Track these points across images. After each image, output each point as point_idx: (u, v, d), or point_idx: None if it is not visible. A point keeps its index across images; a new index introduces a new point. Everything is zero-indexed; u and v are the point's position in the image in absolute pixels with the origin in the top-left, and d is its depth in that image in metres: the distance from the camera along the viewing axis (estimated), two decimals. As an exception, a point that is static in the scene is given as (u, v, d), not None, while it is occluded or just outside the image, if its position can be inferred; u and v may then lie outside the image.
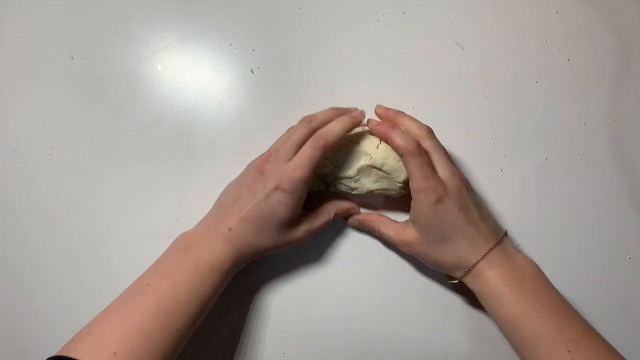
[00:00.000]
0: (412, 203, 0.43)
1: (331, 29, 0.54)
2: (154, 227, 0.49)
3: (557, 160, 0.52)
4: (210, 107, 0.52)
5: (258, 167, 0.43)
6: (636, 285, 0.50)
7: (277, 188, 0.41)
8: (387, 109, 0.46)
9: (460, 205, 0.42)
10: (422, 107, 0.52)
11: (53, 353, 0.35)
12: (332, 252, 0.49)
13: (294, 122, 0.52)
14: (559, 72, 0.54)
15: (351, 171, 0.46)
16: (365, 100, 0.52)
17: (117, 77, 0.53)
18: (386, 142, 0.45)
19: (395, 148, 0.43)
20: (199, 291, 0.40)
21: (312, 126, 0.44)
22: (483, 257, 0.42)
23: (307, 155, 0.42)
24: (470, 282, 0.43)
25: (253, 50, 0.54)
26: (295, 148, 0.43)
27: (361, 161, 0.45)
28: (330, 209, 0.46)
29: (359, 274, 0.49)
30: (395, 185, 0.46)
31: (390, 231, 0.45)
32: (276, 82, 0.53)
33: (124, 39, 0.54)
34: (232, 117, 0.51)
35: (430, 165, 0.42)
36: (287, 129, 0.46)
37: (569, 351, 0.38)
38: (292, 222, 0.43)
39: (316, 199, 0.47)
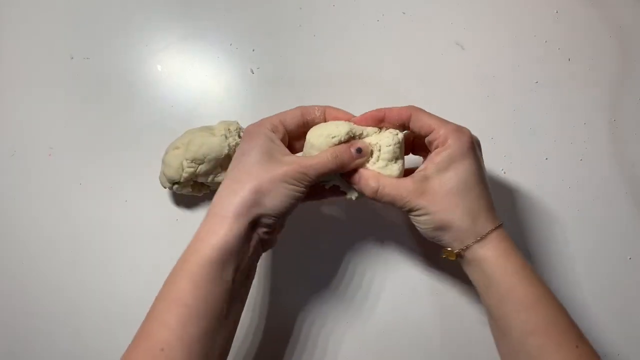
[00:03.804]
0: (439, 150, 0.38)
1: (331, 29, 0.54)
2: (154, 227, 0.49)
3: (557, 160, 0.52)
4: (210, 107, 0.52)
5: None
6: (636, 285, 0.50)
7: (241, 141, 0.40)
8: (364, 114, 0.42)
9: (480, 160, 0.39)
10: (421, 107, 0.52)
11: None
12: (333, 252, 0.49)
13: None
14: (559, 72, 0.54)
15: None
16: (365, 100, 0.52)
17: (117, 77, 0.53)
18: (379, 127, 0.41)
19: (396, 115, 0.40)
20: (202, 301, 0.35)
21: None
22: (496, 227, 0.38)
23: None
24: (480, 252, 0.38)
25: (253, 50, 0.54)
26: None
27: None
28: (327, 153, 0.39)
29: (360, 273, 0.49)
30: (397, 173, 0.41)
31: (391, 185, 0.39)
32: (276, 82, 0.53)
33: (124, 39, 0.54)
34: (232, 117, 0.51)
35: None
36: None
37: (577, 347, 0.36)
38: (265, 152, 0.38)
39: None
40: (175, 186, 0.46)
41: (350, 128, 0.40)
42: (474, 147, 0.39)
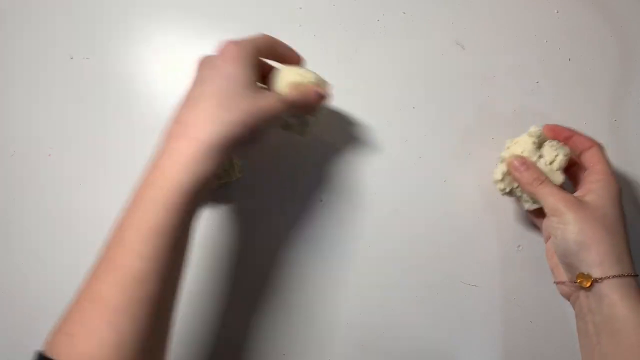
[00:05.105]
0: (596, 182, 0.41)
1: (331, 29, 0.54)
2: (154, 227, 0.49)
3: (557, 160, 0.52)
4: (210, 107, 0.52)
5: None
6: (636, 285, 0.50)
7: (221, 59, 0.37)
8: (554, 125, 0.46)
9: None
10: (422, 107, 0.52)
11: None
12: (334, 252, 0.49)
13: (294, 122, 0.52)
14: (559, 72, 0.54)
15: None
16: (366, 100, 0.52)
17: (117, 77, 0.53)
18: (564, 142, 0.45)
19: (581, 141, 0.44)
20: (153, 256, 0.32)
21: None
22: (636, 275, 0.38)
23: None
24: (618, 292, 0.36)
25: (253, 50, 0.53)
26: None
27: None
28: (295, 90, 0.40)
29: (361, 273, 0.49)
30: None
31: (554, 187, 0.42)
32: (276, 82, 0.53)
33: (124, 39, 0.54)
34: (232, 117, 0.51)
35: None
36: None
37: None
38: (252, 81, 0.37)
39: None
40: None
41: (317, 78, 0.44)
42: (620, 197, 0.41)
